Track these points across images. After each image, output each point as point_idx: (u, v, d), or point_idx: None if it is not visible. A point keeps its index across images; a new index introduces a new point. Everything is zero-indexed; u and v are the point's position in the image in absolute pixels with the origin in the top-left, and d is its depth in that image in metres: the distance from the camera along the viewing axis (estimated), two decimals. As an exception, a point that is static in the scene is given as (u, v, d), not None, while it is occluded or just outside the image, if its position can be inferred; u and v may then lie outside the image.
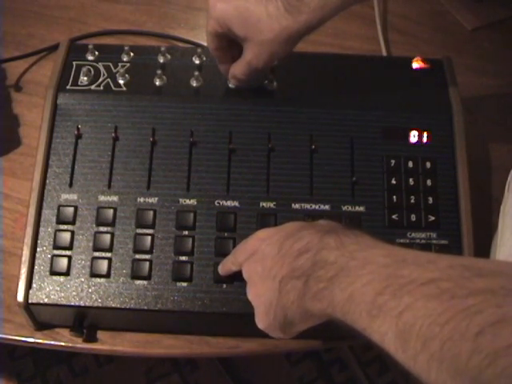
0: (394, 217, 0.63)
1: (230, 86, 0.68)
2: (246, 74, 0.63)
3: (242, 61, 0.63)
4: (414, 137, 0.66)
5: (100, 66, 0.70)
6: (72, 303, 0.60)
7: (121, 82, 0.68)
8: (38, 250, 0.61)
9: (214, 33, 0.62)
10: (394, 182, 0.64)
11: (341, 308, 0.44)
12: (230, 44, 0.63)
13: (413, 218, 0.63)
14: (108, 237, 0.61)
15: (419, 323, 0.38)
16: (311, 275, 0.47)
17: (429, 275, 0.40)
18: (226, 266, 0.59)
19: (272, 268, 0.50)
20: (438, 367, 0.37)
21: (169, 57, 0.71)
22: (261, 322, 0.53)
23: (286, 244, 0.50)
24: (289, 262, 0.49)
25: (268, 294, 0.50)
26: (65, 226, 0.62)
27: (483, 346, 0.34)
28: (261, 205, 0.63)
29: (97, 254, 0.61)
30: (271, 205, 0.63)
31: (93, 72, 0.69)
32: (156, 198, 0.63)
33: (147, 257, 0.61)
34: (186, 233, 0.62)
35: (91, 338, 0.63)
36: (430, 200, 0.63)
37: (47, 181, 0.63)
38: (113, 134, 0.65)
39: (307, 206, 0.63)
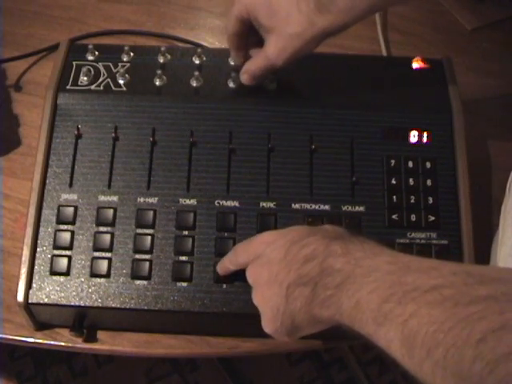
0: (394, 217, 0.63)
1: (231, 85, 0.68)
2: (262, 68, 0.63)
3: (261, 54, 0.62)
4: (413, 137, 0.66)
5: (100, 65, 0.70)
6: (72, 303, 0.60)
7: (121, 81, 0.68)
8: (38, 250, 0.61)
9: (240, 17, 0.62)
10: (394, 182, 0.64)
11: (348, 315, 0.45)
12: (248, 31, 0.63)
13: (413, 218, 0.63)
14: (108, 237, 0.61)
15: (423, 330, 0.38)
16: (318, 282, 0.47)
17: (432, 282, 0.40)
18: (224, 266, 0.59)
19: (278, 274, 0.50)
20: (442, 374, 0.37)
21: (169, 57, 0.71)
22: (268, 327, 0.53)
23: (292, 250, 0.50)
24: (296, 269, 0.49)
25: (275, 300, 0.50)
26: (65, 226, 0.62)
27: (485, 353, 0.34)
28: (261, 205, 0.63)
29: (97, 253, 0.61)
30: (271, 205, 0.63)
31: (93, 72, 0.69)
32: (156, 198, 0.63)
33: (147, 257, 0.61)
34: (186, 233, 0.62)
35: (91, 338, 0.63)
36: (430, 200, 0.63)
37: (47, 181, 0.63)
38: (113, 134, 0.65)
39: (307, 205, 0.63)
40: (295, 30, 0.59)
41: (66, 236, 0.61)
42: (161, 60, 0.70)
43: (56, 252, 0.61)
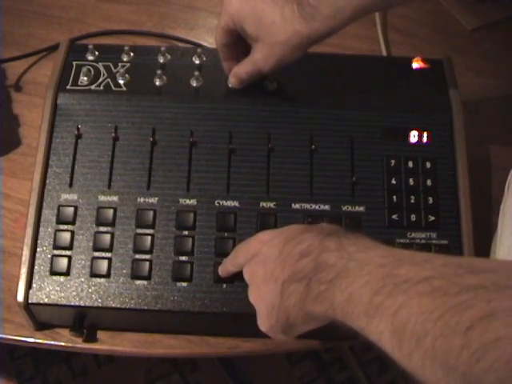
0: (394, 217, 0.63)
1: (230, 85, 0.68)
2: (249, 73, 0.64)
3: (248, 60, 0.63)
4: (413, 137, 0.66)
5: (100, 66, 0.70)
6: (72, 303, 0.60)
7: (121, 82, 0.68)
8: (38, 250, 0.61)
9: (226, 28, 0.62)
10: (394, 182, 0.64)
11: (340, 309, 0.45)
12: (237, 42, 0.64)
13: (413, 218, 0.63)
14: (108, 237, 0.61)
15: (413, 321, 0.38)
16: (313, 278, 0.47)
17: (423, 274, 0.40)
18: (225, 267, 0.59)
19: (274, 271, 0.50)
20: (431, 364, 0.37)
21: (169, 57, 0.71)
22: (263, 325, 0.53)
23: (287, 247, 0.50)
24: (290, 265, 0.49)
25: (270, 297, 0.50)
26: (65, 226, 0.62)
27: (473, 341, 0.34)
28: (261, 205, 0.63)
29: (97, 254, 0.61)
30: (271, 205, 0.63)
31: (93, 72, 0.69)
32: (156, 198, 0.63)
33: (147, 257, 0.61)
34: (186, 233, 0.62)
35: (91, 338, 0.63)
36: (430, 200, 0.63)
37: (47, 181, 0.63)
38: (113, 134, 0.65)
39: (307, 205, 0.63)
40: (280, 37, 0.59)
41: (66, 236, 0.61)
42: (161, 60, 0.70)
43: (56, 252, 0.61)
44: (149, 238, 0.61)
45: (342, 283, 0.45)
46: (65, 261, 0.60)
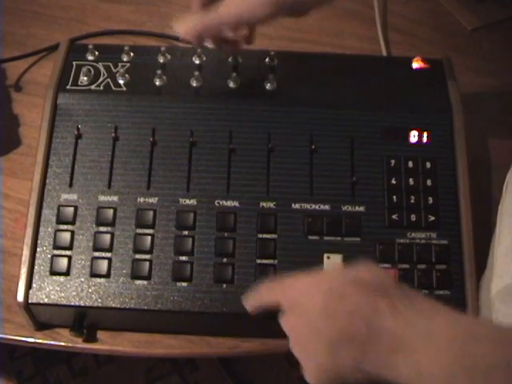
0: (394, 217, 0.63)
1: (231, 85, 0.68)
2: (205, 23, 0.58)
3: (211, 9, 0.58)
4: (413, 137, 0.66)
5: (100, 66, 0.70)
6: (72, 303, 0.60)
7: (121, 81, 0.68)
8: (38, 250, 0.61)
9: None
10: (393, 181, 0.64)
11: (408, 381, 0.42)
12: None
13: (413, 218, 0.63)
14: (108, 237, 0.61)
15: None
16: (368, 343, 0.44)
17: (506, 357, 0.38)
18: (251, 305, 0.55)
19: (319, 328, 0.47)
20: None
21: (169, 57, 0.71)
22: (312, 379, 0.50)
23: (331, 302, 0.47)
24: (339, 326, 0.46)
25: (317, 357, 0.48)
26: (65, 226, 0.62)
27: None
28: (261, 205, 0.63)
29: (97, 253, 0.61)
30: (271, 205, 0.63)
31: (93, 72, 0.69)
32: (156, 198, 0.63)
33: (147, 257, 0.61)
34: (186, 233, 0.62)
35: (91, 337, 0.63)
36: (430, 200, 0.63)
37: (47, 181, 0.63)
38: (113, 134, 0.65)
39: (307, 206, 0.63)
40: None
41: (66, 236, 0.61)
42: (161, 60, 0.70)
43: (56, 252, 0.61)
44: (149, 237, 0.61)
45: (406, 356, 0.42)
46: (65, 261, 0.60)
